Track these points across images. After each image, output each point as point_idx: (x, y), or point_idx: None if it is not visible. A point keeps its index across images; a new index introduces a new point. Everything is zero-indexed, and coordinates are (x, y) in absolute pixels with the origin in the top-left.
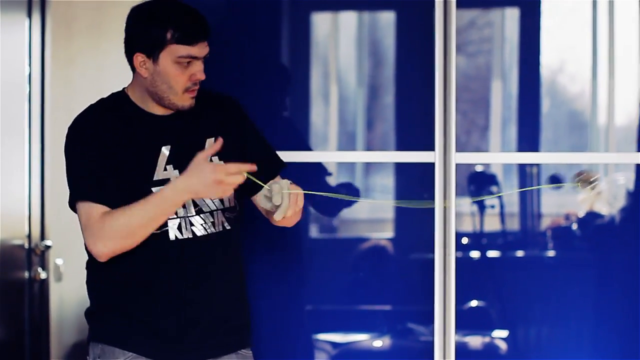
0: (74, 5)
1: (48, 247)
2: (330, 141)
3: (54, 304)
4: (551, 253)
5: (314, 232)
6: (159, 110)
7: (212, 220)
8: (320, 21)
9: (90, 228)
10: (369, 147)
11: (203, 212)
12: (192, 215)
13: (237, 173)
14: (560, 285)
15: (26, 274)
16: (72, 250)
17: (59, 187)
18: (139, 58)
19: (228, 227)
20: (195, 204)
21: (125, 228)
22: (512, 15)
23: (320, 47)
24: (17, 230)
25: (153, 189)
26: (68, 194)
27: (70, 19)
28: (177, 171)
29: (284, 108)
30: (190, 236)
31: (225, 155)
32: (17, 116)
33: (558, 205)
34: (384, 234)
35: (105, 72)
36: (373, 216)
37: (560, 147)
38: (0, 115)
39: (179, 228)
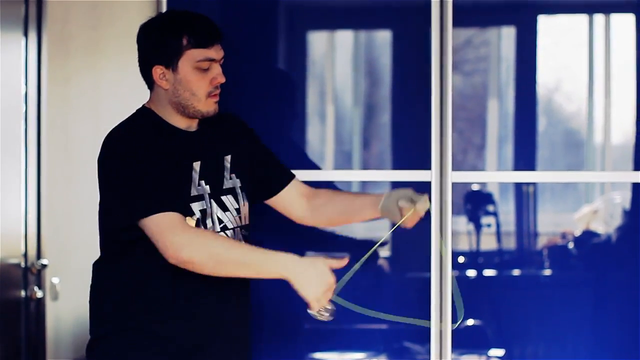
0: (71, 24)
1: (44, 266)
2: (326, 160)
3: (50, 323)
4: (548, 272)
5: (310, 251)
6: (183, 124)
7: (233, 236)
8: (317, 40)
9: (178, 234)
10: (365, 166)
11: (227, 229)
12: (218, 232)
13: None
14: (557, 304)
15: (22, 293)
16: (68, 270)
17: (56, 205)
18: (158, 70)
19: None
20: (220, 221)
21: (220, 251)
22: (508, 34)
23: (317, 66)
24: (14, 249)
25: (192, 205)
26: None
27: (67, 37)
28: (208, 187)
29: (280, 127)
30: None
31: (239, 169)
32: (14, 135)
33: (555, 224)
34: (381, 253)
35: (102, 91)
36: (370, 236)
37: (556, 165)
38: None
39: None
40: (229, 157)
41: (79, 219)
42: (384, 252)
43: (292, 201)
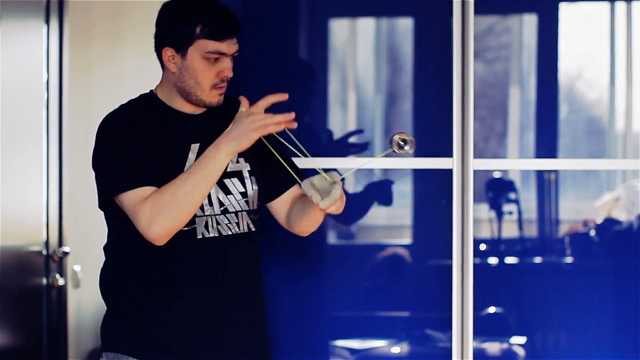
0: (92, 11)
1: (66, 253)
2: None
3: (72, 310)
4: (569, 259)
5: (332, 238)
6: (187, 109)
7: (236, 220)
8: (339, 27)
9: (141, 212)
10: (387, 154)
11: (229, 212)
12: (219, 215)
13: (280, 118)
14: (578, 291)
15: (44, 281)
16: (89, 257)
17: (77, 193)
18: (168, 52)
19: (253, 229)
20: (221, 203)
21: (172, 200)
22: (530, 22)
23: (339, 54)
24: (35, 237)
25: None
26: (97, 193)
27: (88, 25)
28: None
29: (302, 114)
30: (217, 235)
31: (249, 157)
32: (35, 123)
33: (576, 212)
34: (402, 241)
35: (124, 78)
36: (391, 223)
37: (578, 153)
38: (18, 122)
39: (205, 226)
40: None
41: None
42: (405, 240)
43: (281, 208)
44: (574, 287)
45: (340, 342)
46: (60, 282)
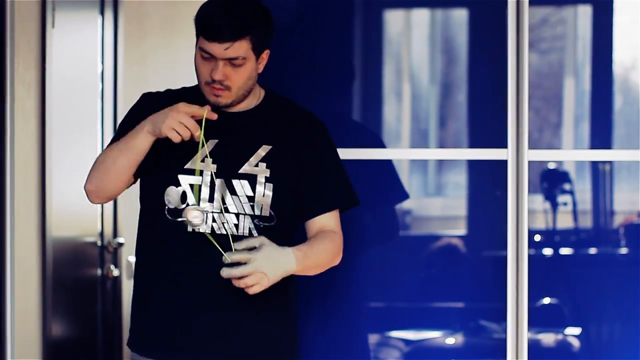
0: (147, 3)
1: (120, 244)
2: (402, 138)
3: (127, 301)
4: (624, 250)
5: (388, 229)
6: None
7: (235, 222)
8: (393, 19)
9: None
10: (441, 145)
11: (228, 212)
12: (217, 212)
13: (191, 126)
14: (634, 282)
15: (99, 272)
16: None
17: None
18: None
19: (255, 235)
20: (223, 202)
21: (102, 161)
22: (584, 13)
23: (393, 45)
24: (90, 228)
25: (179, 176)
26: None
27: (143, 16)
28: (215, 165)
29: (357, 105)
30: (208, 231)
31: (275, 169)
32: (90, 114)
33: (631, 203)
34: (457, 232)
35: (178, 69)
36: (446, 214)
37: (632, 144)
38: (73, 113)
39: (215, 233)
40: (268, 147)
41: None
42: (460, 231)
43: (308, 231)
44: (629, 278)
45: (395, 333)
46: (115, 273)
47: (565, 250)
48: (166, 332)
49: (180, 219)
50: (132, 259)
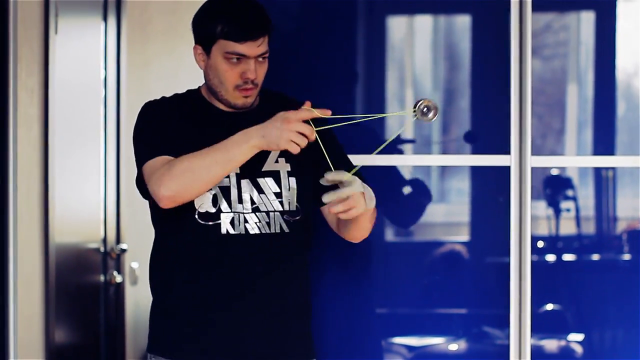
0: (150, 9)
1: (124, 250)
2: (406, 145)
3: (130, 307)
4: (627, 256)
5: (390, 235)
6: (225, 107)
7: (267, 220)
8: (396, 25)
9: (157, 172)
10: (444, 151)
11: (259, 211)
12: (248, 212)
13: (308, 132)
14: (636, 288)
15: (102, 278)
16: (147, 254)
17: (135, 190)
18: (197, 50)
19: (287, 231)
20: (252, 202)
21: (187, 168)
22: (587, 19)
23: (396, 51)
24: (93, 234)
25: None
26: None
27: (146, 22)
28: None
29: (360, 112)
30: (243, 232)
31: (294, 162)
32: (93, 120)
33: (634, 209)
34: (460, 238)
35: (181, 75)
36: (449, 220)
37: (635, 150)
38: (76, 119)
39: (232, 223)
40: None
41: None
42: (463, 237)
43: (330, 214)
44: (631, 284)
45: (398, 339)
46: (118, 279)
47: (568, 257)
48: (197, 333)
49: (215, 222)
50: (135, 265)
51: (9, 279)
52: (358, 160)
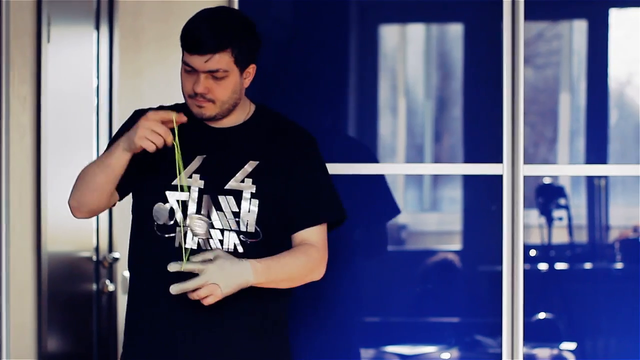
0: (142, 17)
1: (116, 259)
2: (398, 153)
3: (122, 316)
4: (619, 265)
5: (382, 244)
6: (212, 121)
7: (220, 238)
8: (389, 33)
9: None
10: (436, 159)
11: (214, 228)
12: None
13: (162, 132)
14: (629, 297)
15: (94, 286)
16: None
17: (127, 199)
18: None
19: (240, 251)
20: (209, 217)
21: (81, 177)
22: (580, 28)
23: (389, 60)
24: (85, 243)
25: (167, 193)
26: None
27: (138, 31)
28: (203, 181)
29: (352, 120)
30: (195, 247)
31: (262, 179)
32: (85, 128)
33: (626, 218)
34: (452, 246)
35: (174, 83)
36: (441, 229)
37: (628, 159)
38: (68, 128)
39: (185, 237)
40: (254, 163)
41: None
42: (455, 246)
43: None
44: (624, 293)
45: (391, 348)
46: (110, 288)
47: (560, 265)
48: (154, 348)
49: (170, 235)
50: (127, 274)
51: (1, 287)
52: (348, 169)
